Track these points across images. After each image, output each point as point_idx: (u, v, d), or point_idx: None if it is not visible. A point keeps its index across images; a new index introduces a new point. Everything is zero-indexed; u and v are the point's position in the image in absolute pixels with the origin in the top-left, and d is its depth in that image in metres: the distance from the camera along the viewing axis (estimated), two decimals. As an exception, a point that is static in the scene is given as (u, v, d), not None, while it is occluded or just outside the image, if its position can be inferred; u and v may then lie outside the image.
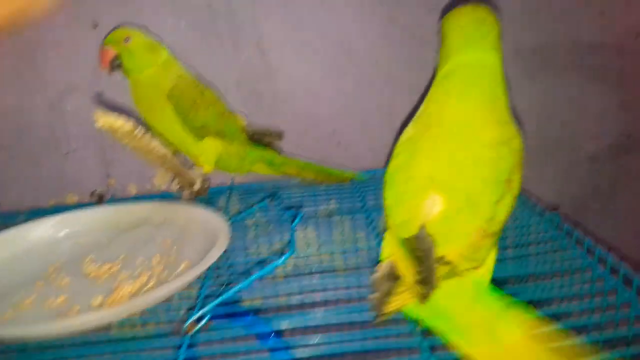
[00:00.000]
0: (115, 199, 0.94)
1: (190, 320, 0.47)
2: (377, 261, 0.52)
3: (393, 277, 0.48)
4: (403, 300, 0.47)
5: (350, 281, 0.59)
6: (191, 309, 0.50)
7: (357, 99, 0.97)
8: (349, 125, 0.99)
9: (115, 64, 0.77)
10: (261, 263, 0.61)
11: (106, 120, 0.44)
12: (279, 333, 0.52)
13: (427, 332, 0.49)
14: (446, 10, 0.56)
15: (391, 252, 0.50)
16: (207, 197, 0.87)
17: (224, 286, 0.58)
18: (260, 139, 0.86)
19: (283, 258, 0.54)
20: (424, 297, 0.45)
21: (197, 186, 0.79)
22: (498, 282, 0.51)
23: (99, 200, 0.92)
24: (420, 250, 0.46)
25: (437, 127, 0.50)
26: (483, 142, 0.49)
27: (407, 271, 0.47)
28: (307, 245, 0.69)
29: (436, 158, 0.49)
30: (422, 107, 0.54)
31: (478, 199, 0.47)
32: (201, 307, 0.49)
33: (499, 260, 0.53)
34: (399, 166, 0.52)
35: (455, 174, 0.48)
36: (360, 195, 0.85)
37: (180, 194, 0.81)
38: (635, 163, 1.07)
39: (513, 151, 0.49)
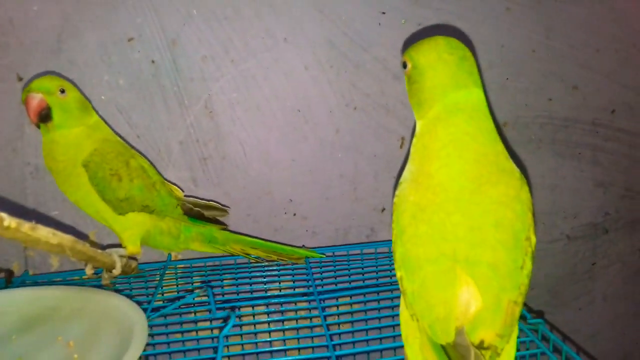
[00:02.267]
0: (30, 276, 0.81)
1: None
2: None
3: None
4: None
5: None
6: None
7: (317, 167, 0.89)
8: (307, 195, 0.89)
9: (44, 115, 0.65)
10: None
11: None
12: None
13: None
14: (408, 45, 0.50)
15: (421, 351, 0.46)
16: (139, 275, 0.76)
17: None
18: (201, 213, 0.75)
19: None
20: None
21: (117, 270, 0.67)
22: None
23: (8, 277, 0.78)
24: (460, 358, 0.42)
25: (443, 191, 0.45)
26: (495, 199, 0.45)
27: None
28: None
29: (453, 229, 0.44)
30: (415, 160, 0.48)
31: (504, 268, 0.43)
32: None
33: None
34: (412, 242, 0.46)
35: (477, 244, 0.43)
36: (316, 277, 0.74)
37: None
38: (613, 243, 1.01)
39: (525, 204, 0.46)
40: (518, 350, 0.56)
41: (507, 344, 0.44)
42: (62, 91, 0.66)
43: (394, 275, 0.79)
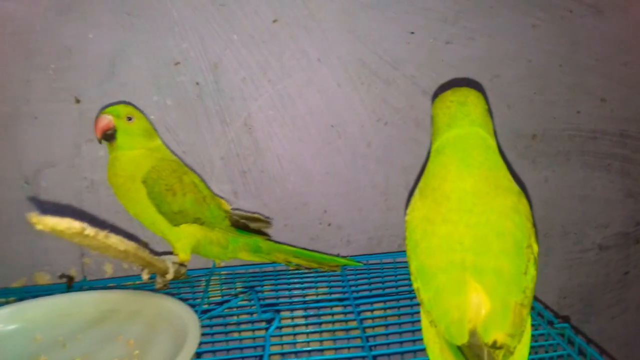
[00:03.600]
0: (88, 281, 0.87)
1: None
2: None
3: None
4: None
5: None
6: None
7: (350, 179, 0.93)
8: (341, 206, 0.94)
9: (109, 135, 0.73)
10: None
11: (46, 223, 0.39)
12: None
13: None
14: (439, 93, 0.59)
15: (441, 353, 0.50)
16: (187, 280, 0.81)
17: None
18: (247, 225, 0.80)
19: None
20: None
21: (170, 275, 0.73)
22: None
23: (69, 282, 0.85)
24: (475, 357, 0.46)
25: (447, 202, 0.51)
26: (495, 210, 0.49)
27: None
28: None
29: (460, 239, 0.49)
30: (422, 181, 0.56)
31: (508, 274, 0.47)
32: None
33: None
34: (425, 254, 0.51)
35: (483, 253, 0.48)
36: (351, 284, 0.78)
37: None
38: (645, 253, 1.01)
39: (524, 215, 0.51)
40: (546, 351, 0.59)
41: (519, 344, 0.47)
42: (130, 118, 0.74)
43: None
